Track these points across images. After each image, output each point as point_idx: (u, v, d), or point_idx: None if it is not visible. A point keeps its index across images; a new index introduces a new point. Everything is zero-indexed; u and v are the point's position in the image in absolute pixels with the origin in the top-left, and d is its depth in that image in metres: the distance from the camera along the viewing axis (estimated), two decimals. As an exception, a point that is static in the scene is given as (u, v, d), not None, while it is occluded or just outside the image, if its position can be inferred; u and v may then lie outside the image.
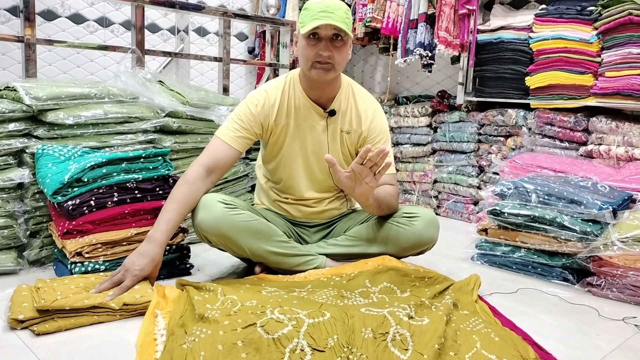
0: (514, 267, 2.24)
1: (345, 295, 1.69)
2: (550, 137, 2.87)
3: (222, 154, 1.91)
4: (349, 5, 3.66)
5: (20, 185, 2.01)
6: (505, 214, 2.21)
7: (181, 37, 4.12)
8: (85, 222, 1.83)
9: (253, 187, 2.66)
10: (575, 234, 2.05)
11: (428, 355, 1.28)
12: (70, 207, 1.81)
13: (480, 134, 3.22)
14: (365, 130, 2.01)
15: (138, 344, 1.40)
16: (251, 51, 4.47)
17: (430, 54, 3.16)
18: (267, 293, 1.67)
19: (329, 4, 1.81)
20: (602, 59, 2.65)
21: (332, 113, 1.99)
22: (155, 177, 1.99)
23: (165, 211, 1.80)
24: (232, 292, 1.62)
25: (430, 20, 3.15)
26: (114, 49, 2.90)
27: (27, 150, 2.02)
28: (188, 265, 2.05)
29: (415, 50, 3.17)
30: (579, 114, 2.76)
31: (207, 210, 1.85)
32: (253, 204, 2.24)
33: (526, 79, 2.90)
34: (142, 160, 1.98)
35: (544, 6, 2.92)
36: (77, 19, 3.63)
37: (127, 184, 1.93)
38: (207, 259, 2.20)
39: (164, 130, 2.38)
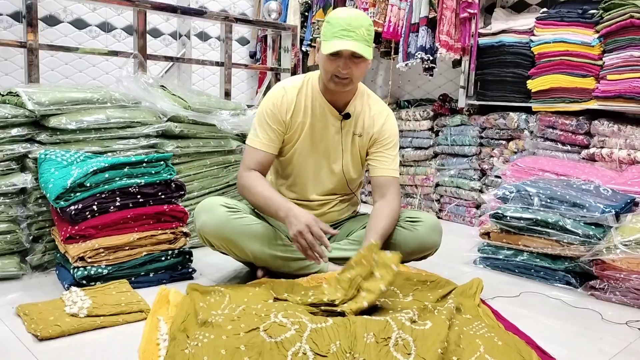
0: (516, 270, 2.24)
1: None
2: (552, 140, 2.87)
3: (261, 159, 1.97)
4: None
5: (22, 190, 2.01)
6: (508, 218, 2.21)
7: (183, 42, 4.13)
8: (88, 226, 1.83)
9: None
10: (577, 237, 2.04)
11: (431, 360, 1.27)
12: (73, 212, 1.81)
13: (482, 138, 3.22)
14: (377, 133, 2.04)
15: (140, 350, 1.40)
16: (253, 56, 4.48)
17: (431, 58, 3.17)
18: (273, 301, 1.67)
19: (351, 20, 1.81)
20: (604, 62, 2.65)
21: (347, 116, 2.01)
22: (158, 181, 1.99)
23: (270, 194, 1.88)
24: (239, 300, 1.62)
25: (432, 24, 3.15)
26: (116, 54, 2.91)
27: (29, 155, 2.03)
28: (190, 270, 2.05)
29: (416, 54, 3.17)
30: (580, 117, 2.76)
31: (209, 214, 1.85)
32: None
33: (528, 82, 2.90)
34: (144, 164, 1.98)
35: (545, 9, 2.92)
36: (79, 24, 3.65)
37: (130, 189, 1.93)
38: (209, 263, 2.19)
39: (166, 135, 2.38)
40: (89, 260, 1.81)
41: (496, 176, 3.03)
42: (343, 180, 2.08)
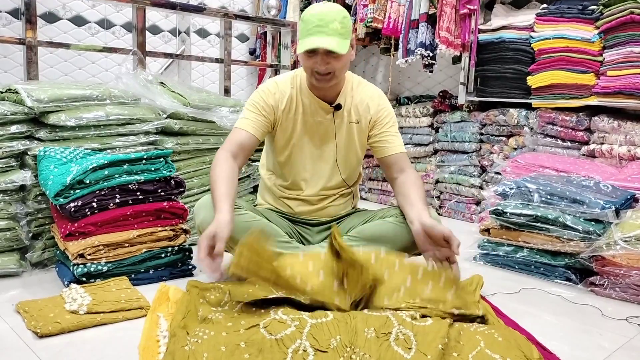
0: (516, 267, 2.24)
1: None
2: (552, 136, 2.87)
3: (242, 139, 1.94)
4: (350, 7, 3.65)
5: (22, 188, 2.01)
6: (508, 214, 2.21)
7: (182, 39, 4.13)
8: (88, 223, 1.83)
9: (255, 189, 2.66)
10: (577, 233, 2.04)
11: (431, 356, 1.27)
12: (73, 209, 1.81)
13: (482, 134, 3.21)
14: (374, 115, 2.04)
15: (140, 347, 1.40)
16: (252, 52, 4.47)
17: (431, 54, 3.16)
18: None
19: (323, 16, 1.80)
20: (604, 58, 2.64)
21: (338, 107, 2.01)
22: (157, 178, 1.99)
23: (217, 189, 1.78)
24: (239, 296, 1.62)
25: (432, 20, 3.15)
26: (115, 50, 2.90)
27: (29, 153, 2.02)
28: (190, 267, 2.04)
29: (416, 51, 3.17)
30: (580, 114, 2.75)
31: (208, 211, 1.85)
32: (255, 205, 2.24)
33: (528, 78, 2.90)
34: (143, 161, 1.98)
35: (545, 5, 2.92)
36: (78, 21, 3.64)
37: (129, 186, 1.93)
38: (209, 260, 2.19)
39: (165, 132, 2.38)
40: (89, 257, 1.81)
41: (496, 172, 3.03)
42: (338, 173, 2.07)
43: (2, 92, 2.13)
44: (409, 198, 1.90)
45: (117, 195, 1.91)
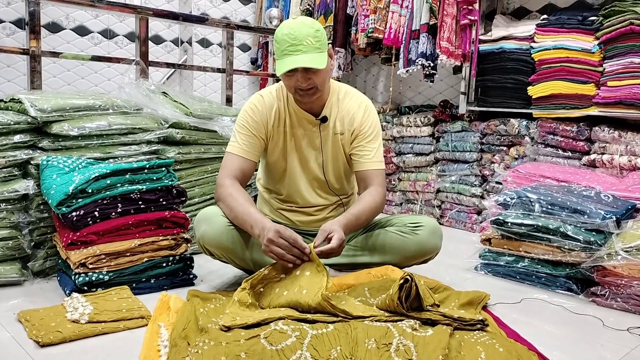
0: (517, 277, 2.23)
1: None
2: (552, 146, 2.87)
3: (240, 166, 1.95)
4: (351, 18, 3.67)
5: (24, 197, 2.02)
6: (509, 224, 2.21)
7: (185, 49, 4.15)
8: (90, 233, 1.84)
9: (255, 199, 2.66)
10: (578, 243, 2.04)
11: (432, 366, 1.27)
12: (75, 218, 1.81)
13: (482, 144, 3.22)
14: (358, 128, 2.02)
15: (141, 356, 1.40)
16: (254, 62, 4.49)
17: (432, 64, 3.17)
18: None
19: (295, 34, 1.79)
20: (604, 69, 2.65)
21: (324, 120, 2.01)
22: (159, 187, 2.00)
23: (249, 210, 1.80)
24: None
25: (432, 30, 3.16)
26: (118, 60, 2.92)
27: (31, 162, 2.03)
28: (191, 276, 2.05)
29: (417, 61, 3.18)
30: (581, 124, 2.76)
31: (209, 224, 1.86)
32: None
33: (528, 88, 2.91)
34: (146, 171, 1.99)
35: (545, 16, 2.93)
36: (81, 31, 3.67)
37: (131, 195, 1.94)
38: (210, 270, 2.20)
39: (167, 141, 2.39)
40: (91, 266, 1.82)
41: (497, 182, 3.03)
42: (327, 185, 2.08)
43: (5, 102, 2.15)
44: (348, 211, 1.91)
45: (119, 204, 1.92)
